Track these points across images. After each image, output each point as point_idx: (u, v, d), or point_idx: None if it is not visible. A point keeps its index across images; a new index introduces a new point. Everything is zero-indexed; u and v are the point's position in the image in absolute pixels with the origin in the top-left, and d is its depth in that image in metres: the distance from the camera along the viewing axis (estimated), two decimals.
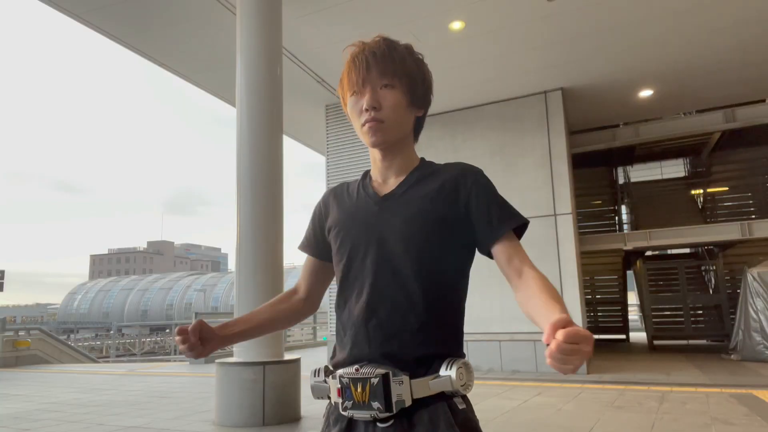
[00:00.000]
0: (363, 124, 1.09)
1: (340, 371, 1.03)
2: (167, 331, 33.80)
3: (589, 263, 11.27)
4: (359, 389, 0.99)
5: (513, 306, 7.41)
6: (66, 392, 6.86)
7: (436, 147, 8.32)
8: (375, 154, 1.16)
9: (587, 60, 6.91)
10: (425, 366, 1.01)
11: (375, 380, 0.98)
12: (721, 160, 11.50)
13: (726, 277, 10.41)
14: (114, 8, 5.63)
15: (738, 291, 8.80)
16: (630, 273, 12.71)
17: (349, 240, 1.11)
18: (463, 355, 1.07)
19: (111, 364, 13.96)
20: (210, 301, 46.98)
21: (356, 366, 1.01)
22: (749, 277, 8.14)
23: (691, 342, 11.09)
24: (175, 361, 21.12)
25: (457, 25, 5.96)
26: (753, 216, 10.95)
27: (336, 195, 1.22)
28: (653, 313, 10.73)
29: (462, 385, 1.00)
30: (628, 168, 12.61)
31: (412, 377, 0.99)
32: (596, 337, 11.98)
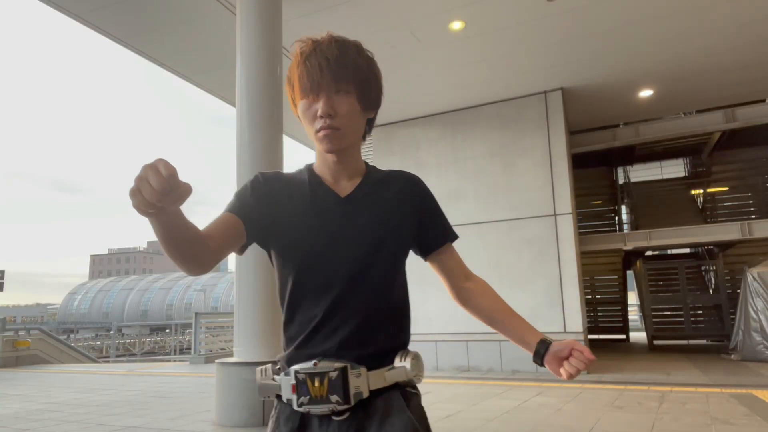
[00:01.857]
0: (318, 131, 1.08)
1: (295, 367, 1.03)
2: (167, 331, 33.83)
3: (589, 263, 11.27)
4: (317, 384, 1.00)
5: (513, 305, 7.31)
6: (66, 392, 6.86)
7: (436, 147, 8.33)
8: (328, 157, 1.14)
9: (587, 60, 6.91)
10: (381, 358, 1.05)
11: (334, 374, 0.99)
12: (721, 160, 11.50)
13: (726, 277, 10.42)
14: (114, 8, 5.63)
15: (738, 291, 8.81)
16: (630, 273, 12.71)
17: (309, 238, 1.09)
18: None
19: (111, 364, 13.96)
20: (210, 301, 46.96)
21: (313, 361, 1.01)
22: (749, 277, 8.14)
23: (691, 342, 11.10)
24: (175, 361, 21.13)
25: (457, 25, 5.96)
26: (753, 216, 10.95)
27: (282, 184, 1.16)
28: (653, 313, 10.73)
29: (415, 375, 1.06)
30: (628, 168, 12.62)
31: (368, 369, 1.02)
32: (596, 337, 12.00)
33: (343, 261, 1.07)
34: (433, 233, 1.21)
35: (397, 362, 1.05)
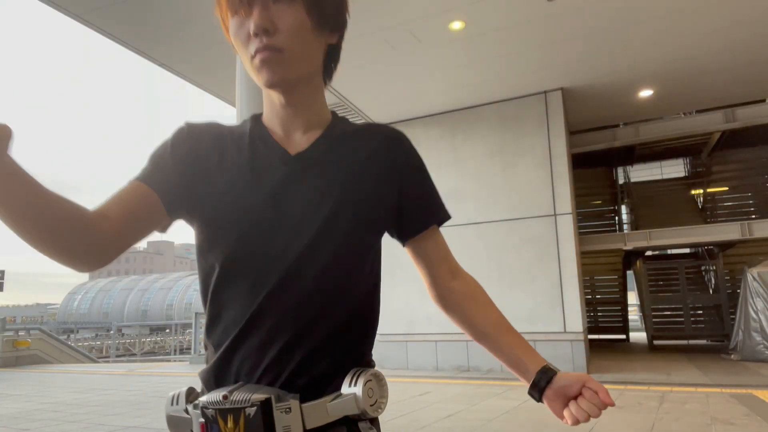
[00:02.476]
0: (253, 56, 0.79)
1: (203, 399, 0.74)
2: (167, 331, 33.83)
3: (589, 263, 11.27)
4: (230, 423, 0.71)
5: (513, 305, 7.41)
6: (66, 392, 6.86)
7: (436, 147, 8.32)
8: (274, 97, 0.85)
9: (587, 60, 6.91)
10: (325, 383, 0.76)
11: (251, 410, 0.70)
12: (721, 160, 11.50)
13: (726, 277, 10.42)
14: (114, 8, 5.63)
15: (738, 291, 8.81)
16: (630, 273, 12.71)
17: (239, 209, 0.79)
18: (372, 363, 0.84)
19: (111, 364, 13.96)
20: None
21: (224, 392, 0.72)
22: (749, 277, 8.14)
23: (691, 342, 11.10)
24: (175, 361, 21.13)
25: (457, 25, 5.96)
26: (753, 216, 10.95)
27: (215, 137, 0.85)
28: (653, 313, 10.74)
29: (372, 405, 0.76)
30: (628, 168, 12.62)
31: (303, 400, 0.73)
32: (596, 337, 12.00)
33: (282, 243, 0.78)
34: (415, 211, 0.89)
35: (345, 387, 0.75)
